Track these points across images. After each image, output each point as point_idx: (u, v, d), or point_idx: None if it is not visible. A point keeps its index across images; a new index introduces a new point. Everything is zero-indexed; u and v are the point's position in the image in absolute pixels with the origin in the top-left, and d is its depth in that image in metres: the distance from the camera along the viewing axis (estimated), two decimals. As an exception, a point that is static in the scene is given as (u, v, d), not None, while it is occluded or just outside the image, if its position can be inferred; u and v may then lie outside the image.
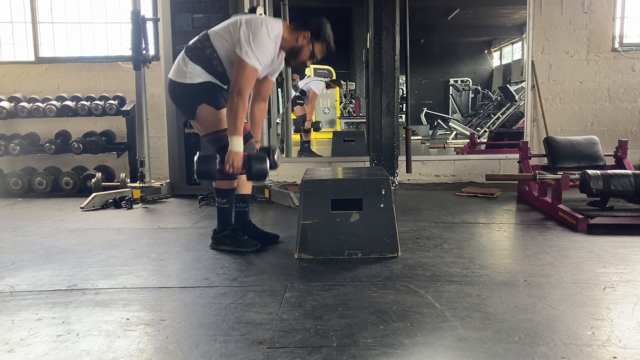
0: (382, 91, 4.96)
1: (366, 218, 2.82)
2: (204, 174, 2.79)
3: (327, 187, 2.85)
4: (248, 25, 2.76)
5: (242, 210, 3.10)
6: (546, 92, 5.57)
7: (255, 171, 2.79)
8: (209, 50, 2.84)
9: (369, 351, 1.76)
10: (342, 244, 2.81)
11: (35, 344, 1.85)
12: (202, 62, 2.84)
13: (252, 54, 2.71)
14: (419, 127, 10.38)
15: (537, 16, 5.50)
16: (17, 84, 5.72)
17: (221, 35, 2.83)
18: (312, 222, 2.82)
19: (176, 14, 4.83)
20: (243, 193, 3.08)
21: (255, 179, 2.86)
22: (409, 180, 5.50)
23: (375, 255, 2.82)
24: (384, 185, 2.83)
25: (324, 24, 2.90)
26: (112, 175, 5.43)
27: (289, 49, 2.90)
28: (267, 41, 2.75)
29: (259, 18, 2.85)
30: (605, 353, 1.73)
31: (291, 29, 2.89)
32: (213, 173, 2.78)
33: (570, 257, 2.81)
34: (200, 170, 2.78)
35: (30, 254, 3.03)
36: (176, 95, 2.95)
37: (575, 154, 4.29)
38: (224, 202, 3.01)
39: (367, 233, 2.82)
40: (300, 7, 6.88)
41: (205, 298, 2.28)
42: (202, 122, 2.91)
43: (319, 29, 2.87)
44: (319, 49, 2.91)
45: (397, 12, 4.88)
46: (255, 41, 2.71)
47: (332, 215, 2.82)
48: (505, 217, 3.91)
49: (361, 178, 2.97)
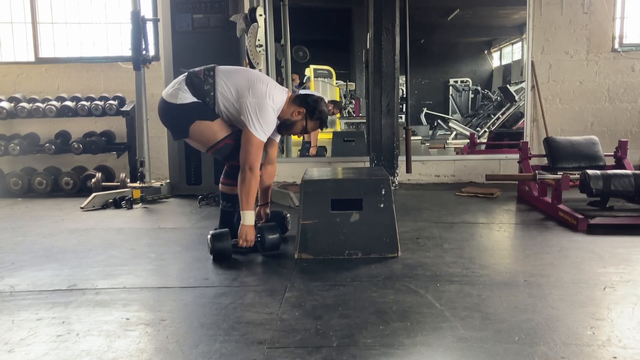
0: (382, 91, 4.96)
1: (366, 218, 2.82)
2: (219, 251, 2.79)
3: (327, 187, 2.86)
4: (255, 94, 2.81)
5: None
6: (546, 92, 5.57)
7: (269, 243, 2.85)
8: (208, 87, 2.88)
9: (369, 351, 1.75)
10: (343, 244, 2.81)
11: (35, 344, 1.85)
12: (197, 93, 2.88)
13: (260, 127, 2.78)
14: (419, 128, 10.38)
15: (537, 16, 5.50)
16: (17, 84, 5.72)
17: (227, 84, 2.87)
18: (312, 222, 2.82)
19: (176, 14, 4.83)
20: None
21: (270, 250, 2.88)
22: (409, 180, 5.50)
23: (375, 255, 2.81)
24: (384, 185, 2.83)
25: (319, 102, 2.97)
26: (112, 176, 5.43)
27: (283, 120, 2.97)
28: (272, 115, 2.85)
29: (264, 86, 2.87)
30: (605, 353, 1.73)
31: (290, 101, 2.95)
32: (229, 250, 2.79)
33: (570, 257, 2.81)
34: (216, 248, 2.78)
35: (30, 254, 3.03)
36: (167, 115, 2.98)
37: (575, 154, 4.29)
38: (229, 205, 3.04)
39: (367, 233, 2.82)
40: (301, 7, 6.88)
41: (205, 298, 2.28)
42: (199, 138, 2.94)
43: (314, 108, 2.95)
44: (311, 125, 3.01)
45: (397, 12, 4.88)
46: (262, 115, 2.79)
47: (332, 215, 2.82)
48: (505, 217, 3.91)
49: (361, 178, 2.97)
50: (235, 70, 2.99)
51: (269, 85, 2.89)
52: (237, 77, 2.91)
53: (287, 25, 5.54)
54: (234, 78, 2.90)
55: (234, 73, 2.94)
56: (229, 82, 2.88)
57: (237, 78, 2.90)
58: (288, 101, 2.95)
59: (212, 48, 4.84)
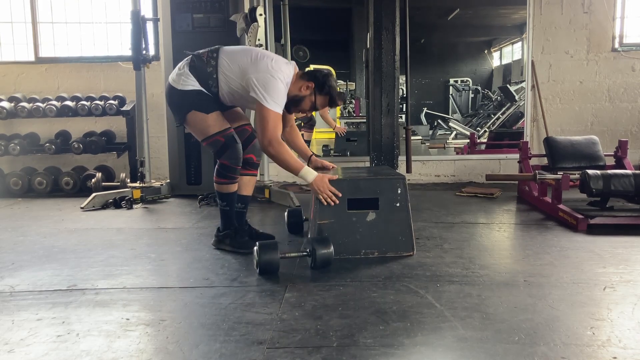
0: (382, 91, 4.95)
1: (382, 217, 2.83)
2: (267, 264, 2.55)
3: (343, 186, 2.83)
4: (260, 69, 2.74)
5: (240, 212, 3.08)
6: (546, 92, 5.57)
7: (319, 259, 2.59)
8: (211, 69, 2.84)
9: (369, 351, 1.75)
10: (359, 243, 2.82)
11: (35, 344, 1.85)
12: (199, 76, 2.85)
13: (272, 99, 2.71)
14: (419, 127, 10.37)
15: (537, 16, 5.50)
16: (17, 84, 5.72)
17: (230, 63, 2.82)
18: (328, 222, 2.81)
19: (176, 14, 4.83)
20: (243, 194, 3.06)
21: (320, 267, 2.62)
22: (409, 180, 5.44)
23: (391, 254, 2.82)
24: (399, 184, 2.85)
25: (328, 77, 2.89)
26: (112, 175, 5.43)
27: (292, 96, 2.87)
28: (281, 85, 2.76)
29: (269, 60, 2.79)
30: (605, 353, 1.73)
31: (298, 77, 2.88)
32: (277, 262, 2.56)
33: (570, 257, 2.81)
34: (264, 260, 2.54)
35: (30, 254, 3.03)
36: (170, 99, 2.97)
37: (575, 154, 4.29)
38: (224, 204, 3.00)
39: (384, 232, 2.82)
40: (301, 6, 6.87)
41: (205, 298, 2.28)
42: (193, 128, 2.93)
43: (323, 82, 2.86)
44: (320, 101, 2.91)
45: (397, 12, 4.87)
46: (271, 87, 2.71)
47: (348, 214, 2.82)
48: (505, 217, 3.91)
49: (377, 177, 2.97)
50: (239, 50, 2.94)
51: (274, 60, 2.81)
52: (240, 55, 2.85)
53: (287, 24, 5.53)
54: (237, 57, 2.84)
55: (238, 52, 2.89)
56: (233, 61, 2.82)
57: (241, 56, 2.84)
58: (296, 76, 2.88)
59: (212, 48, 4.84)
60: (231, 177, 2.92)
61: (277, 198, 4.51)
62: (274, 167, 5.35)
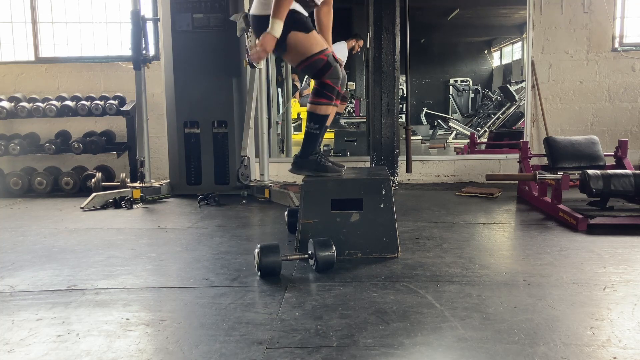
0: (382, 91, 4.96)
1: (366, 218, 2.82)
2: (268, 265, 2.50)
3: (327, 186, 2.85)
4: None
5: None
6: (546, 92, 5.57)
7: (321, 261, 2.55)
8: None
9: (369, 351, 1.75)
10: (342, 243, 2.81)
11: (35, 344, 1.85)
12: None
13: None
14: (419, 127, 10.38)
15: (537, 16, 5.50)
16: (17, 84, 5.72)
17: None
18: (312, 222, 2.81)
19: (176, 14, 4.83)
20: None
21: (322, 270, 2.57)
22: (409, 180, 5.50)
23: (375, 255, 2.81)
24: (384, 185, 2.82)
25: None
26: (112, 175, 5.43)
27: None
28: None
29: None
30: (605, 353, 1.73)
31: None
32: (279, 264, 2.52)
33: (570, 257, 2.81)
34: (266, 262, 2.49)
35: (30, 254, 3.03)
36: (261, 31, 2.74)
37: (575, 153, 4.29)
38: (316, 127, 2.89)
39: (367, 233, 2.82)
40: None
41: (205, 298, 2.28)
42: (293, 50, 2.80)
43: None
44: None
45: (397, 12, 4.88)
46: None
47: (332, 214, 2.82)
48: (505, 217, 3.91)
49: (362, 178, 2.97)
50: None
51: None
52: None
53: (288, 24, 5.56)
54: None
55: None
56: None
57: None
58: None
59: (212, 48, 4.84)
60: (331, 97, 2.82)
61: (277, 198, 4.51)
62: (274, 167, 5.36)
